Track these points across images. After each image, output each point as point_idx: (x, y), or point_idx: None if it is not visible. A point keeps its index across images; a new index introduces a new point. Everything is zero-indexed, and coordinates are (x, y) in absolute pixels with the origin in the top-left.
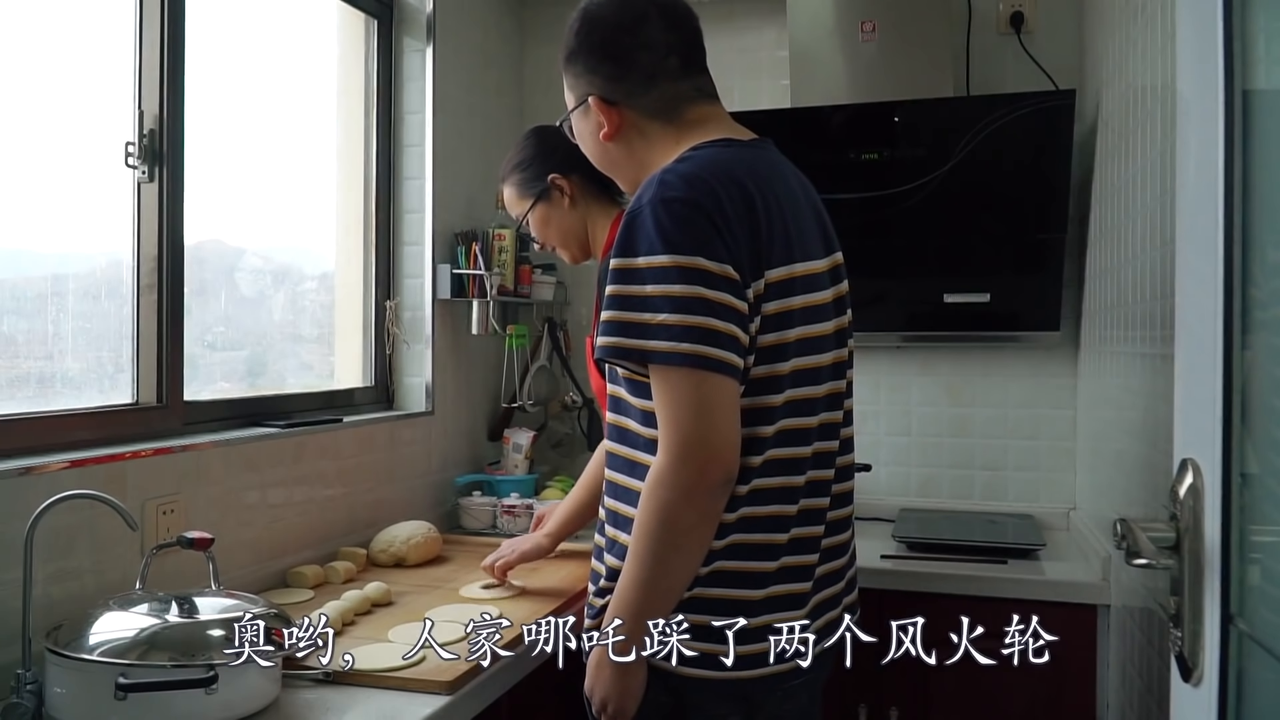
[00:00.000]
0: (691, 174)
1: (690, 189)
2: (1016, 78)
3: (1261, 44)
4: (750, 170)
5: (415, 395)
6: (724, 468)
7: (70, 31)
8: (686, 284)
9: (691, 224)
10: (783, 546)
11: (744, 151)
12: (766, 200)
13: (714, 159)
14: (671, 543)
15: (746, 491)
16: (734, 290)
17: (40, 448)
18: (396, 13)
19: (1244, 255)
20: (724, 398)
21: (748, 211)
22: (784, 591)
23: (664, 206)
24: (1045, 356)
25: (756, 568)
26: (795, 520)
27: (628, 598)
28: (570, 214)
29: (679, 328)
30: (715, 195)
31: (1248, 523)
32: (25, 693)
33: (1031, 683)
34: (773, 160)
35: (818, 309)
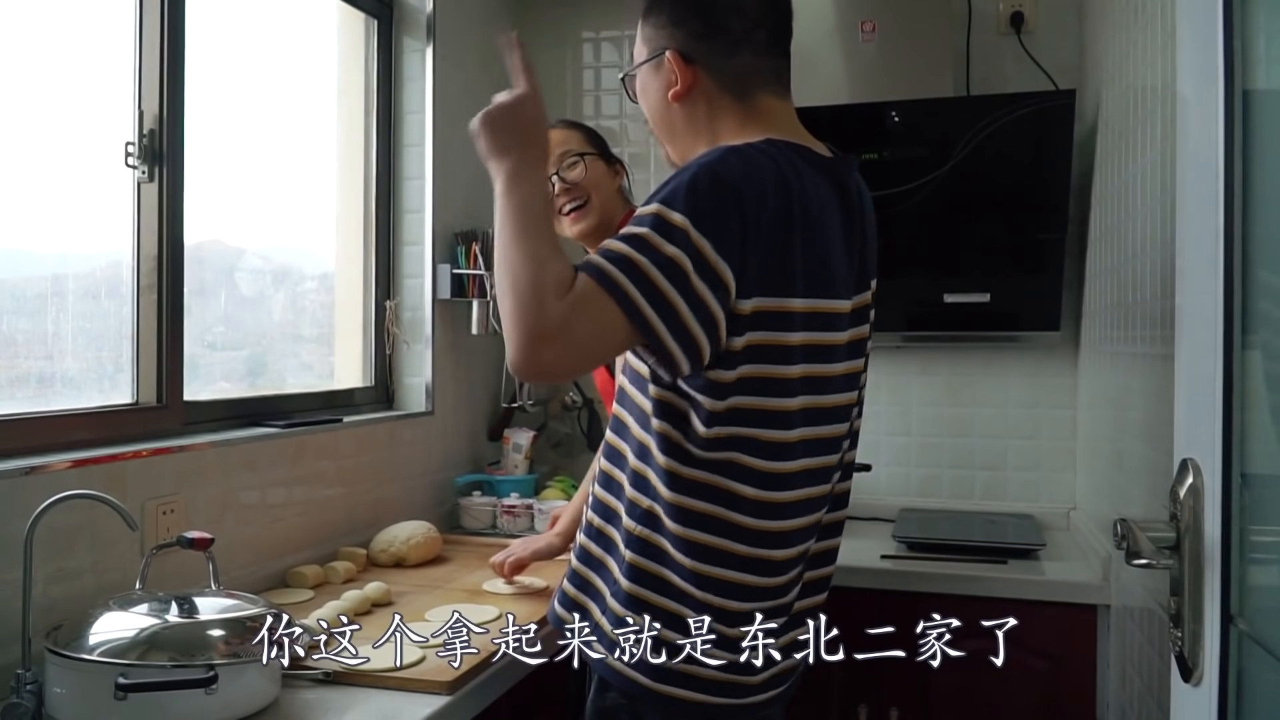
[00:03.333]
0: (754, 167)
1: (745, 179)
2: (1016, 78)
3: (1261, 44)
4: (808, 192)
5: (415, 395)
6: (538, 374)
7: (70, 31)
8: (679, 249)
9: (723, 210)
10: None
11: (811, 171)
12: (819, 227)
13: (783, 163)
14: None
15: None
16: (717, 291)
17: (40, 448)
18: (396, 13)
19: (1244, 255)
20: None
21: (795, 229)
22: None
23: (711, 178)
24: (1045, 356)
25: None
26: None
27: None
28: (613, 199)
29: (641, 275)
30: (763, 199)
31: (1248, 523)
32: (25, 693)
33: (1032, 683)
34: (842, 182)
35: (828, 349)
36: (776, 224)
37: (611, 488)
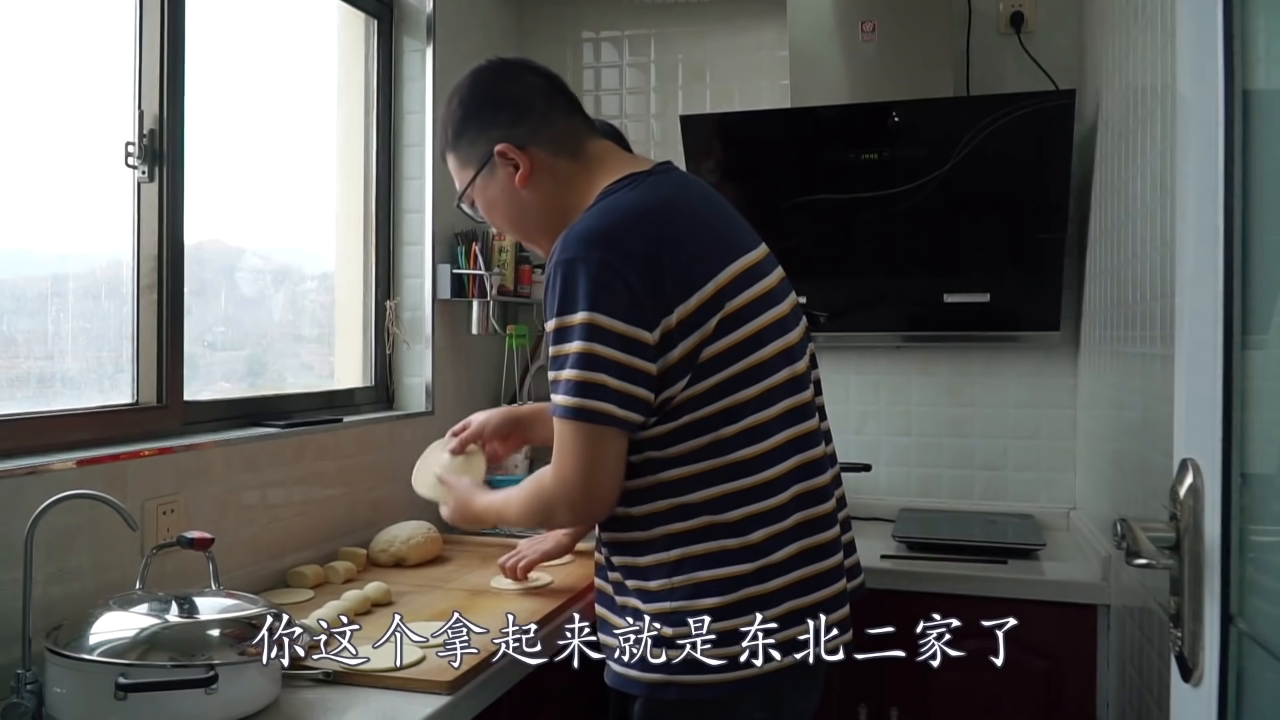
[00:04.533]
0: (601, 227)
1: (601, 245)
2: (1016, 78)
3: (1261, 44)
4: (660, 201)
5: (415, 395)
6: (595, 517)
7: (70, 31)
8: (587, 340)
9: (601, 281)
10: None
11: (650, 185)
12: (684, 222)
13: (622, 204)
14: (535, 523)
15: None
16: (640, 352)
17: (40, 448)
18: (396, 13)
19: (1244, 255)
20: (610, 452)
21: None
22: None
23: (576, 265)
24: (1045, 356)
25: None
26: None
27: (486, 516)
28: None
29: (576, 383)
30: (628, 247)
31: (1248, 523)
32: (25, 693)
33: (1032, 682)
34: (676, 181)
35: (770, 294)
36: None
37: (626, 525)
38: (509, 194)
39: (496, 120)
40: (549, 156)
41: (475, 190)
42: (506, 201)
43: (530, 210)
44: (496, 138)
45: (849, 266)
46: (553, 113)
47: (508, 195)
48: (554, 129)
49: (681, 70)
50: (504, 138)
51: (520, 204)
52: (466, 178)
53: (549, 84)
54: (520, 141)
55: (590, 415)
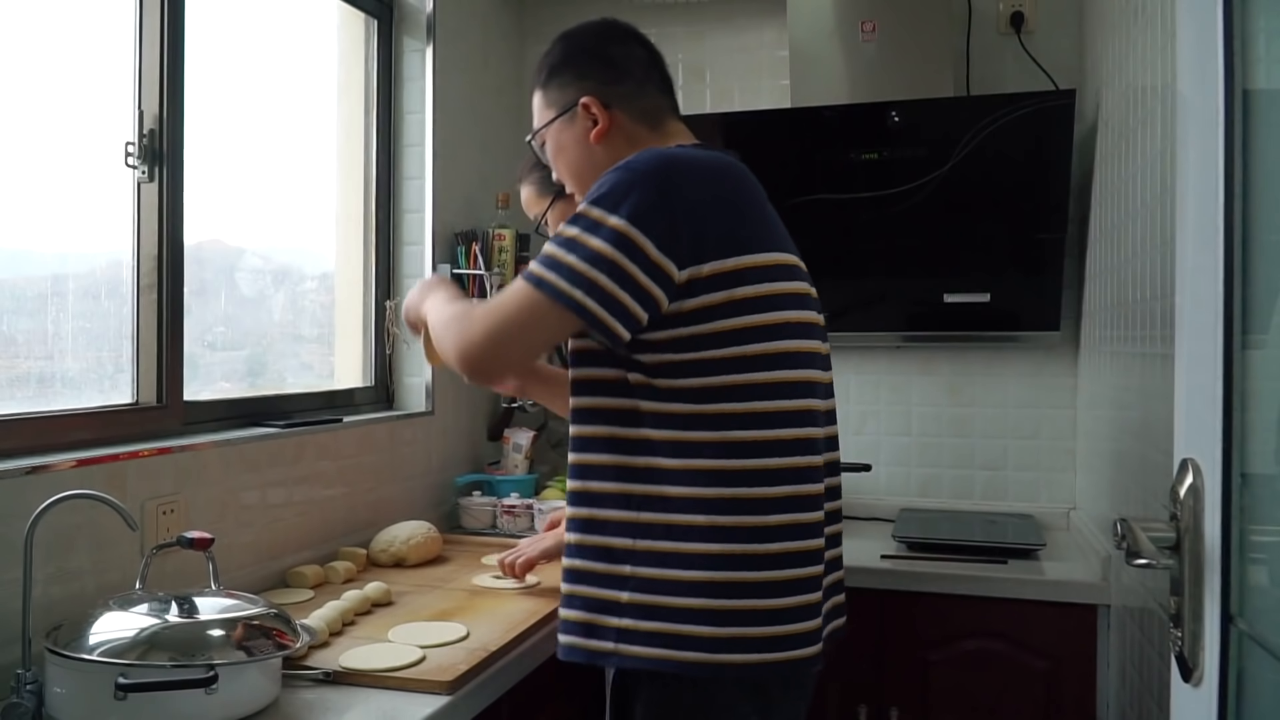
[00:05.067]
0: (671, 156)
1: (666, 169)
2: (1016, 78)
3: (1261, 44)
4: (729, 166)
5: (415, 395)
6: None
7: (70, 31)
8: (613, 246)
9: (651, 202)
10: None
11: (723, 153)
12: (745, 193)
13: (694, 153)
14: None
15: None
16: (655, 275)
17: (40, 448)
18: (396, 13)
19: (1244, 255)
20: (544, 328)
21: (721, 202)
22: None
23: (636, 175)
24: (1045, 356)
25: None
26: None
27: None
28: None
29: (570, 269)
30: (689, 185)
31: (1248, 523)
32: (25, 693)
33: (1032, 682)
34: (743, 167)
35: (802, 298)
36: (704, 197)
37: (640, 502)
38: (581, 145)
39: (591, 74)
40: (629, 121)
41: (550, 132)
42: (576, 152)
43: (594, 167)
44: (587, 89)
45: (849, 266)
46: (647, 85)
47: (579, 146)
48: (643, 100)
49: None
50: (593, 91)
51: (588, 157)
52: (546, 118)
53: (650, 59)
54: (607, 100)
55: (557, 294)
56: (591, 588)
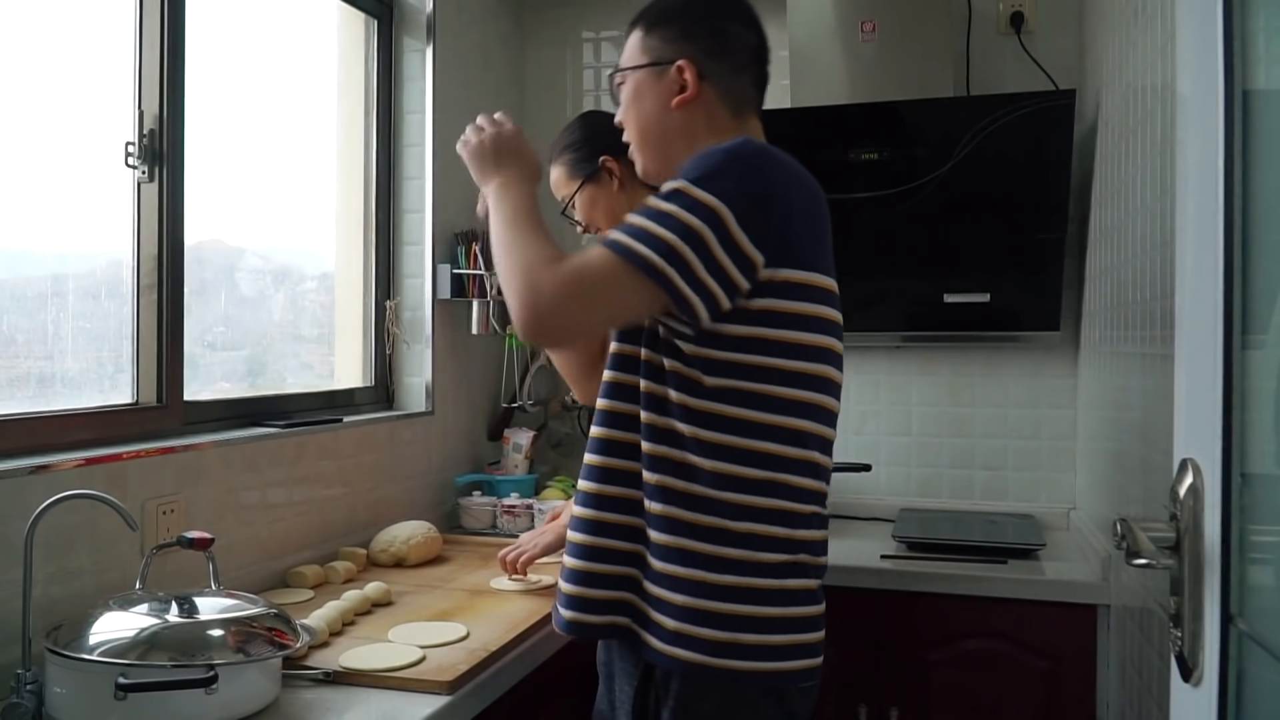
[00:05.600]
0: (776, 156)
1: (766, 160)
2: (1016, 78)
3: (1261, 44)
4: (815, 182)
5: (415, 395)
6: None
7: (70, 31)
8: (708, 227)
9: (750, 191)
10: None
11: (798, 165)
12: (823, 212)
13: (793, 160)
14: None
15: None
16: (742, 265)
17: (40, 448)
18: (396, 13)
19: (1244, 255)
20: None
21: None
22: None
23: (743, 161)
24: (1045, 356)
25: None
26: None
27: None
28: (618, 197)
29: (662, 241)
30: (782, 179)
31: (1248, 523)
32: (25, 693)
33: (1032, 682)
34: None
35: (840, 327)
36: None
37: (680, 500)
38: (659, 104)
39: (698, 39)
40: (715, 100)
41: (635, 77)
42: (652, 108)
43: (665, 129)
44: (688, 53)
45: (849, 266)
46: (745, 73)
47: (657, 104)
48: (736, 85)
49: None
50: (694, 57)
51: (660, 119)
52: (637, 61)
53: (758, 49)
54: (704, 71)
55: (647, 267)
56: (611, 565)
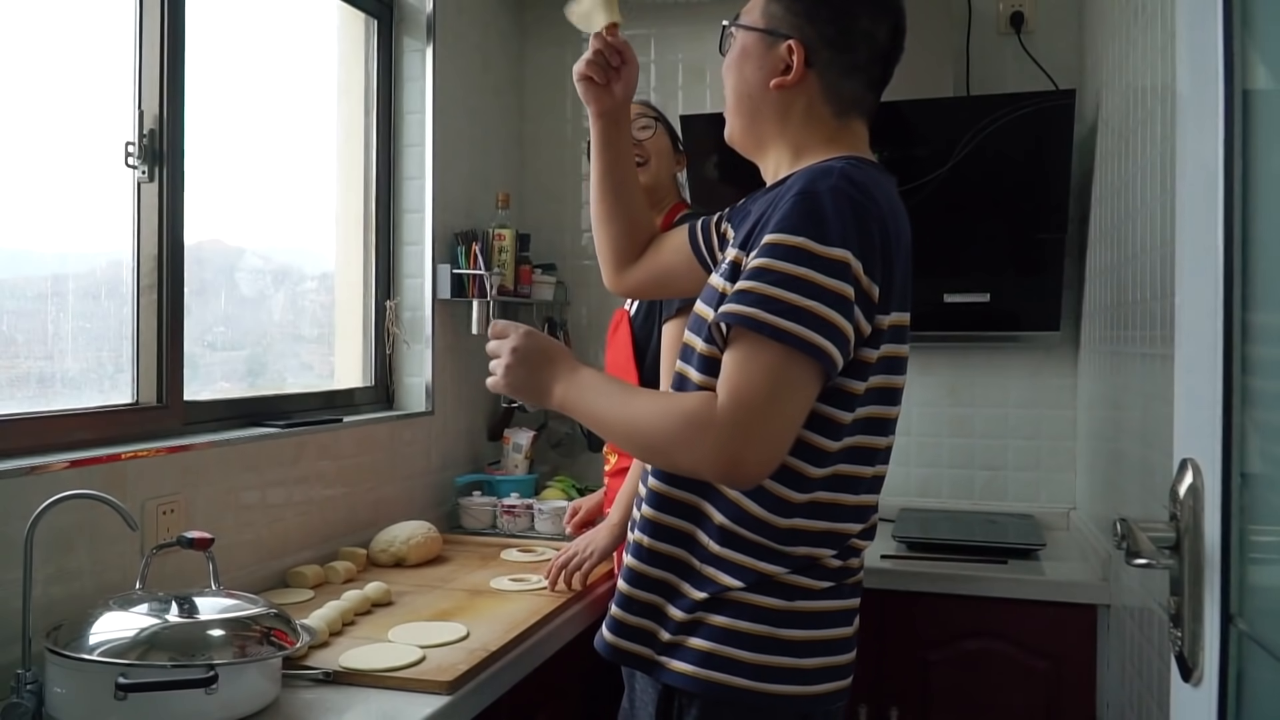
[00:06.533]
0: (868, 184)
1: (871, 197)
2: (1016, 78)
3: (1261, 44)
4: (898, 208)
5: (415, 395)
6: (749, 467)
7: (70, 31)
8: (838, 279)
9: (865, 229)
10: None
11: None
12: (903, 244)
13: (881, 182)
14: (649, 453)
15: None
16: (866, 308)
17: (40, 448)
18: (396, 13)
19: (1244, 255)
20: (803, 388)
21: (895, 250)
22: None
23: (848, 201)
24: (1045, 356)
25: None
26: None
27: (585, 412)
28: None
29: (801, 310)
30: (883, 216)
31: (1248, 523)
32: (25, 693)
33: (1032, 682)
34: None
35: (905, 362)
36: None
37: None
38: (758, 75)
39: (821, 23)
40: (818, 93)
41: (746, 37)
42: (751, 76)
43: (758, 104)
44: (805, 34)
45: None
46: (861, 73)
47: (757, 75)
48: (846, 84)
49: (681, 70)
50: (808, 42)
51: (755, 91)
52: (754, 23)
53: (886, 52)
54: (814, 59)
55: (805, 346)
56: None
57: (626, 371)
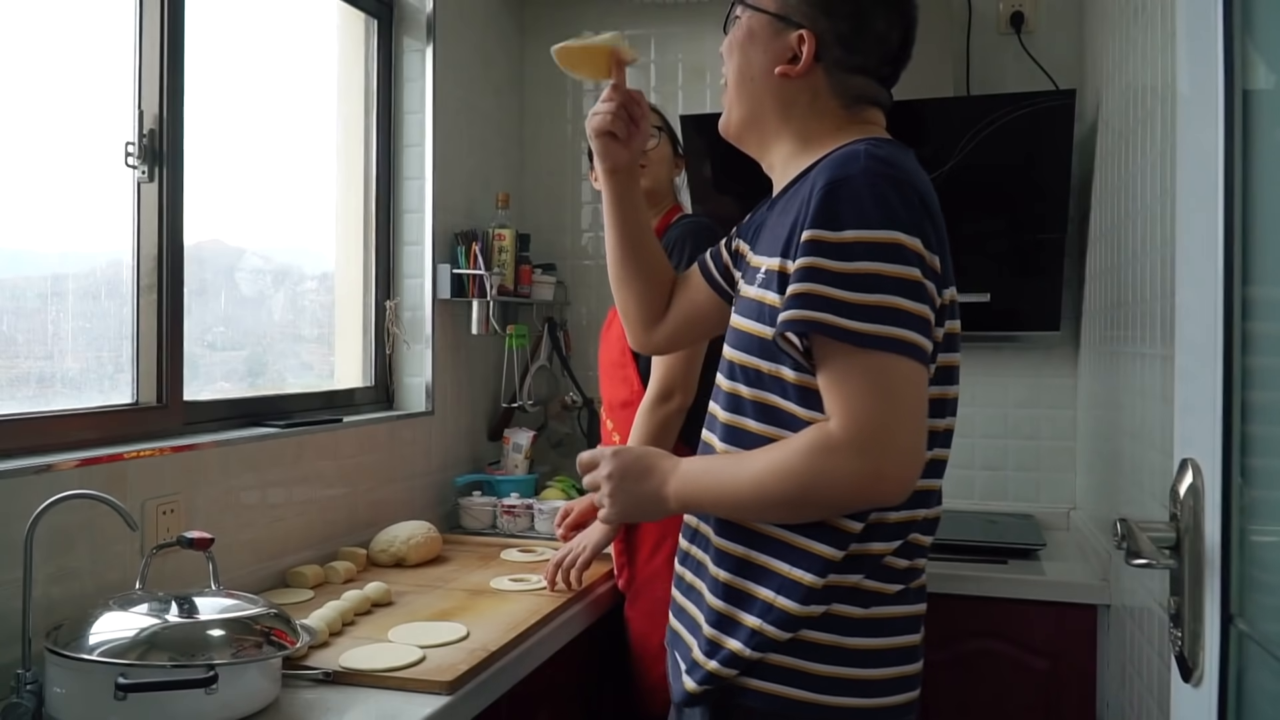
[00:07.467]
0: (896, 159)
1: (903, 170)
2: (1016, 78)
3: (1261, 44)
4: (929, 182)
5: (415, 395)
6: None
7: (70, 31)
8: (901, 264)
9: (909, 203)
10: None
11: (918, 164)
12: (941, 217)
13: (908, 159)
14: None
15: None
16: (935, 280)
17: (40, 448)
18: (396, 13)
19: (1244, 255)
20: (914, 386)
21: (939, 221)
22: None
23: (882, 180)
24: (1045, 356)
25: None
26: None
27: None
28: (662, 177)
29: (875, 308)
30: (920, 188)
31: (1248, 523)
32: (25, 693)
33: (1032, 682)
34: None
35: (959, 339)
36: (935, 214)
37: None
38: (764, 61)
39: (835, 16)
40: (825, 86)
41: (754, 19)
42: (756, 60)
43: (760, 90)
44: (817, 27)
45: None
46: (870, 71)
47: (763, 60)
48: (854, 80)
49: (681, 70)
50: (820, 35)
51: (759, 77)
52: (762, 4)
53: (896, 56)
54: (823, 53)
55: (893, 344)
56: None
57: (620, 365)
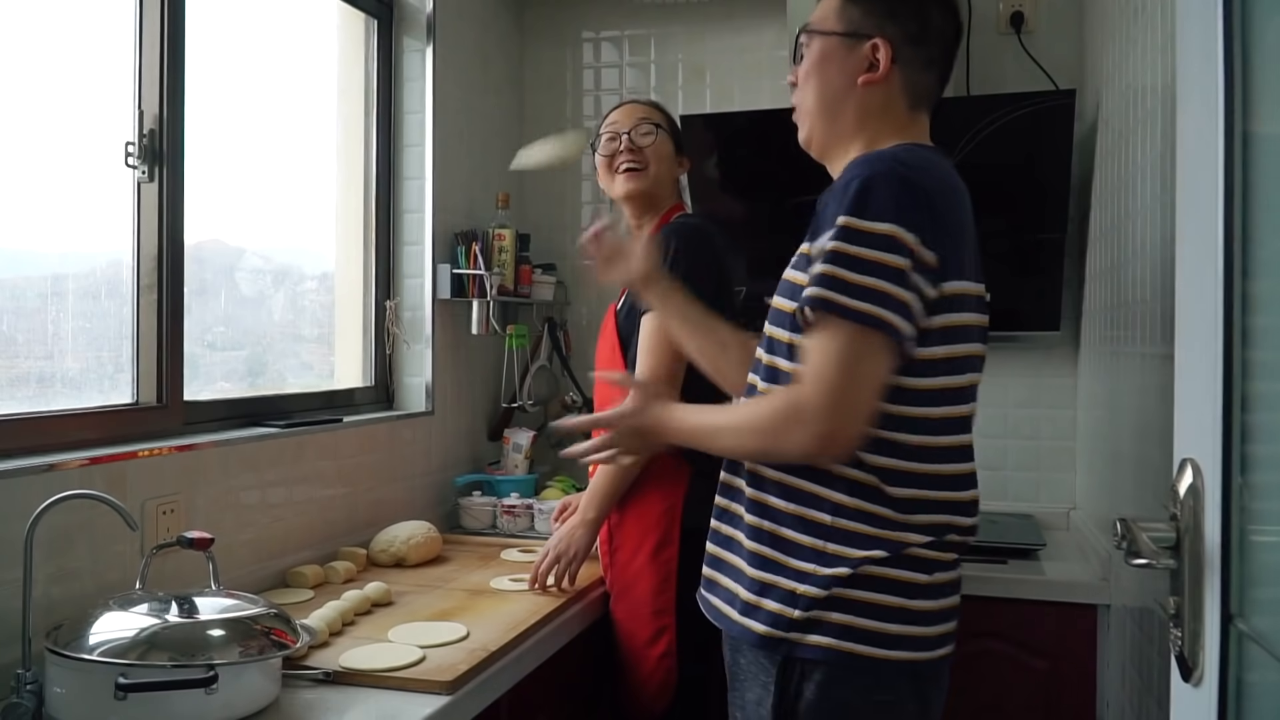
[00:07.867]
0: (917, 162)
1: (918, 171)
2: (1016, 78)
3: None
4: (962, 186)
5: (415, 395)
6: (843, 439)
7: (70, 31)
8: (892, 253)
9: (914, 201)
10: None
11: (950, 167)
12: (970, 216)
13: (936, 161)
14: (753, 457)
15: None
16: (927, 275)
17: (40, 448)
18: (396, 13)
19: (1244, 255)
20: (879, 368)
21: (958, 223)
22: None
23: (896, 178)
24: (1045, 356)
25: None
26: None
27: (694, 435)
28: (666, 180)
29: (871, 291)
30: (934, 190)
31: (1248, 523)
32: (25, 693)
33: (1032, 682)
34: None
35: (981, 330)
36: (947, 213)
37: (810, 500)
38: (844, 77)
39: (902, 21)
40: (899, 87)
41: (825, 42)
42: (837, 80)
43: (842, 104)
44: (888, 32)
45: None
46: (934, 67)
47: (843, 77)
48: (921, 77)
49: (681, 70)
50: (893, 40)
51: (843, 93)
52: (832, 27)
53: (951, 48)
54: (898, 55)
55: (870, 320)
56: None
57: (613, 362)
